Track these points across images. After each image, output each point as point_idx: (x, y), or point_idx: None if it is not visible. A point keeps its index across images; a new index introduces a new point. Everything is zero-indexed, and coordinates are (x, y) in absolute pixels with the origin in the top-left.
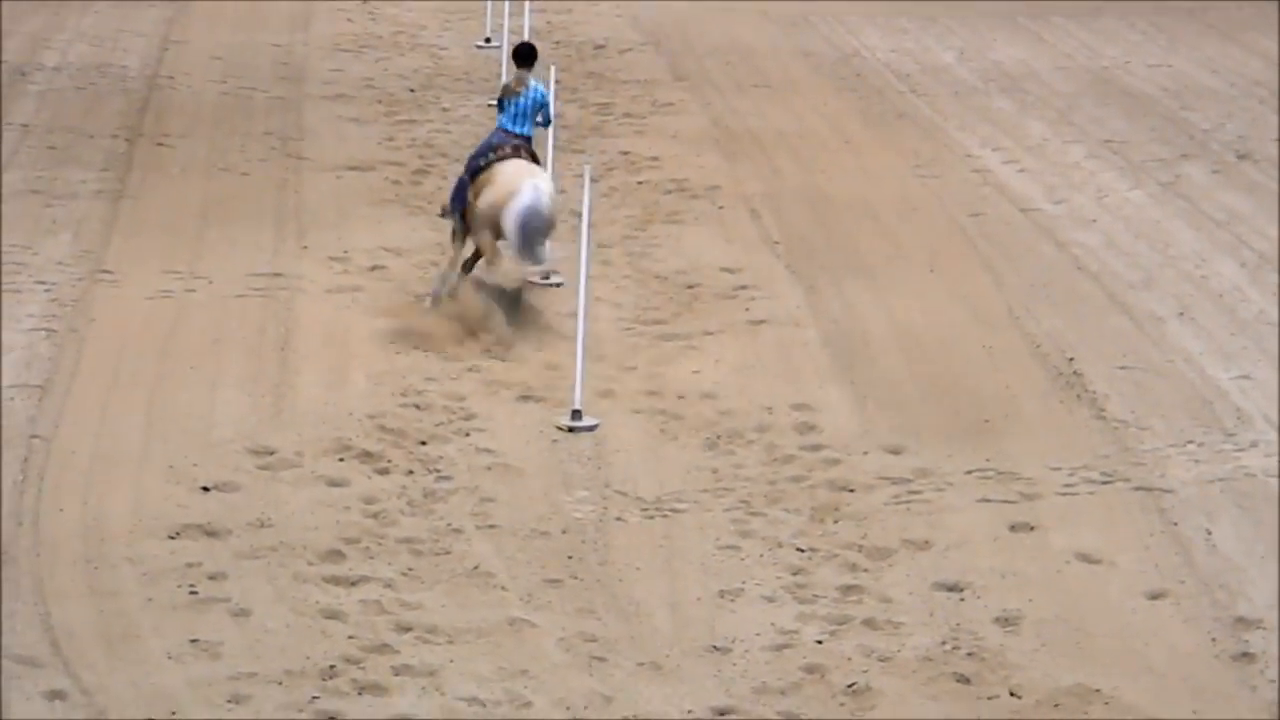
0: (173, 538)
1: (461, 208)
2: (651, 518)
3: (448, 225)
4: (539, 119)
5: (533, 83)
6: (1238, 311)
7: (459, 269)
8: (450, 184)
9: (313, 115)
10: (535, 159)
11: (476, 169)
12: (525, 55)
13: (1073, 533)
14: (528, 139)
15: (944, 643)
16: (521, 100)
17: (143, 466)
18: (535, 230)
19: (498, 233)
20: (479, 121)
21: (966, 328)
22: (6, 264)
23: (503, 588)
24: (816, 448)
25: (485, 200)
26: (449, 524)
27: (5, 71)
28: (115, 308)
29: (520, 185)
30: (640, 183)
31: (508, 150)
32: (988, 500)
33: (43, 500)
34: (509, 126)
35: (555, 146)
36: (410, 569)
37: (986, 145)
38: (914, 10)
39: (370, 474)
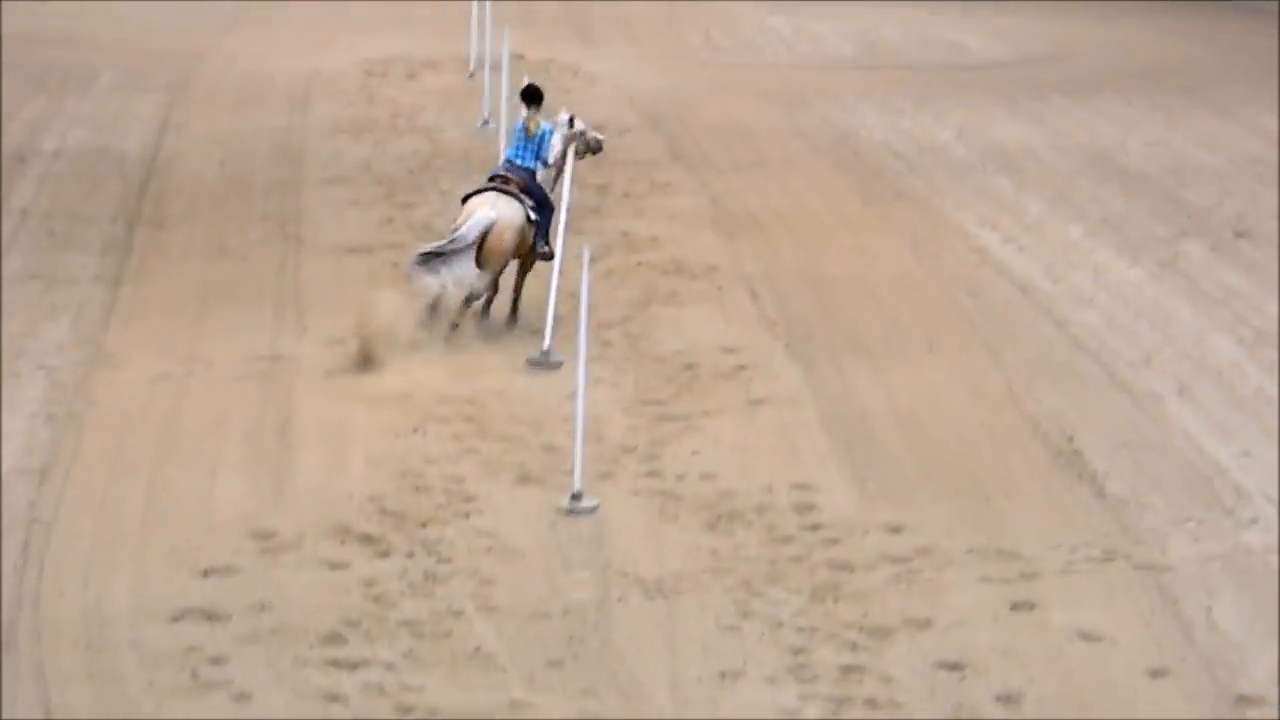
0: (174, 621)
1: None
2: (652, 598)
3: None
4: (545, 154)
5: (543, 123)
6: (1237, 389)
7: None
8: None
9: (311, 198)
10: (525, 190)
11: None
12: (535, 96)
13: (1073, 611)
14: (531, 172)
15: None
16: (535, 138)
17: (143, 550)
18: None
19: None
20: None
21: (966, 406)
22: (6, 349)
23: (504, 669)
24: (816, 527)
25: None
26: (450, 606)
27: (5, 157)
28: (115, 392)
29: (474, 211)
30: (639, 263)
31: (493, 184)
32: (988, 579)
33: (43, 584)
34: (515, 157)
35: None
36: (411, 651)
37: (985, 224)
38: (911, 89)
39: (371, 556)
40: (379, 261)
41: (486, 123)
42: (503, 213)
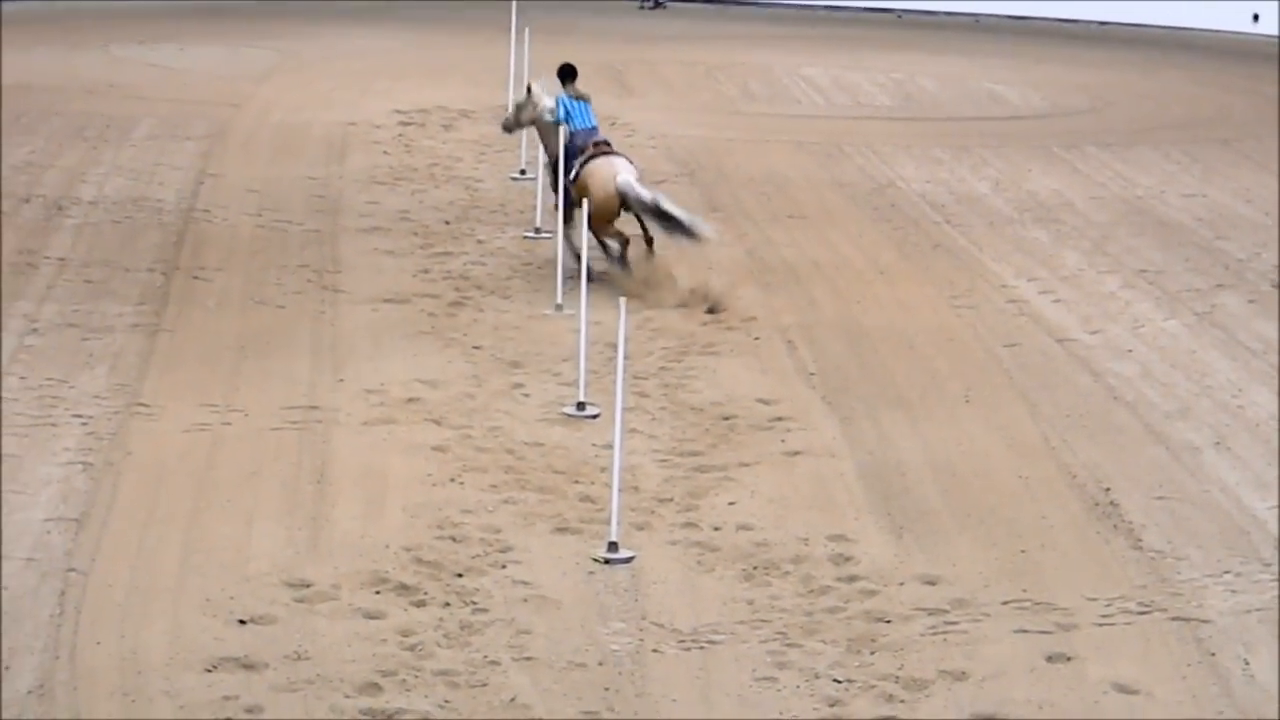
0: (209, 670)
1: (570, 209)
2: (688, 649)
3: (482, 356)
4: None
5: (582, 93)
6: (1274, 441)
7: (619, 247)
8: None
9: (348, 248)
10: (610, 146)
11: (574, 177)
12: (571, 73)
13: (1110, 663)
14: (596, 129)
15: None
16: (585, 104)
17: (179, 599)
18: (648, 203)
19: (615, 218)
20: (514, 253)
21: (1002, 458)
22: (43, 398)
23: None
24: (853, 579)
25: (594, 201)
26: (486, 656)
27: (43, 206)
28: (152, 441)
29: (616, 173)
30: (675, 314)
31: (590, 148)
32: (1024, 630)
33: (79, 634)
34: (585, 124)
35: (590, 277)
36: (447, 701)
37: (1022, 275)
38: (948, 140)
39: (407, 606)
40: (416, 311)
41: (523, 173)
42: (629, 167)
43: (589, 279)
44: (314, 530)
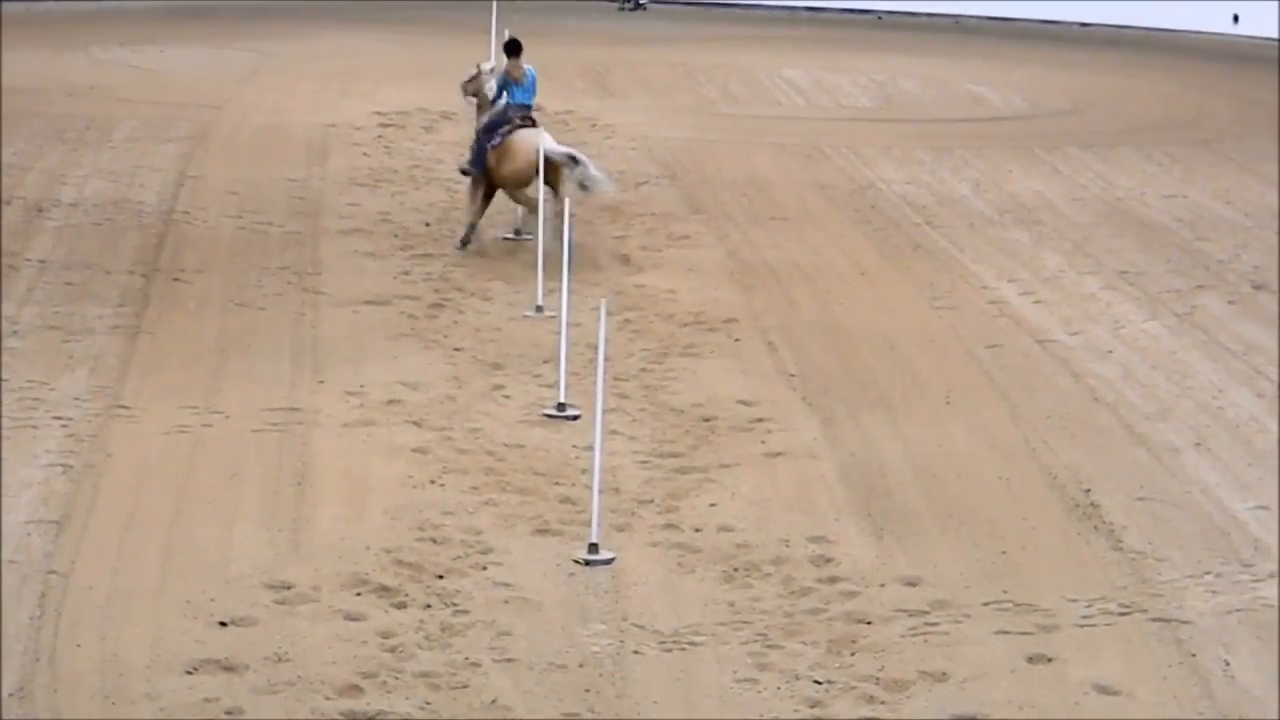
0: (190, 673)
1: (481, 169)
2: (669, 651)
3: (463, 357)
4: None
5: (526, 67)
6: (1254, 442)
7: (477, 217)
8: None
9: (329, 250)
10: (535, 124)
11: (494, 142)
12: (516, 47)
13: (1091, 664)
14: (529, 108)
15: None
16: (525, 81)
17: (160, 602)
18: (576, 167)
19: (528, 185)
20: (494, 255)
21: (983, 459)
22: (23, 400)
23: None
24: (833, 580)
25: (510, 168)
26: (466, 658)
27: (23, 208)
28: (132, 443)
29: (537, 146)
30: (656, 316)
31: (517, 121)
32: (1005, 632)
33: (60, 636)
34: (521, 100)
35: (570, 280)
36: (428, 703)
37: (1003, 277)
38: (930, 142)
39: (387, 608)
40: (396, 313)
41: None
42: (548, 139)
43: (460, 246)
44: (295, 532)
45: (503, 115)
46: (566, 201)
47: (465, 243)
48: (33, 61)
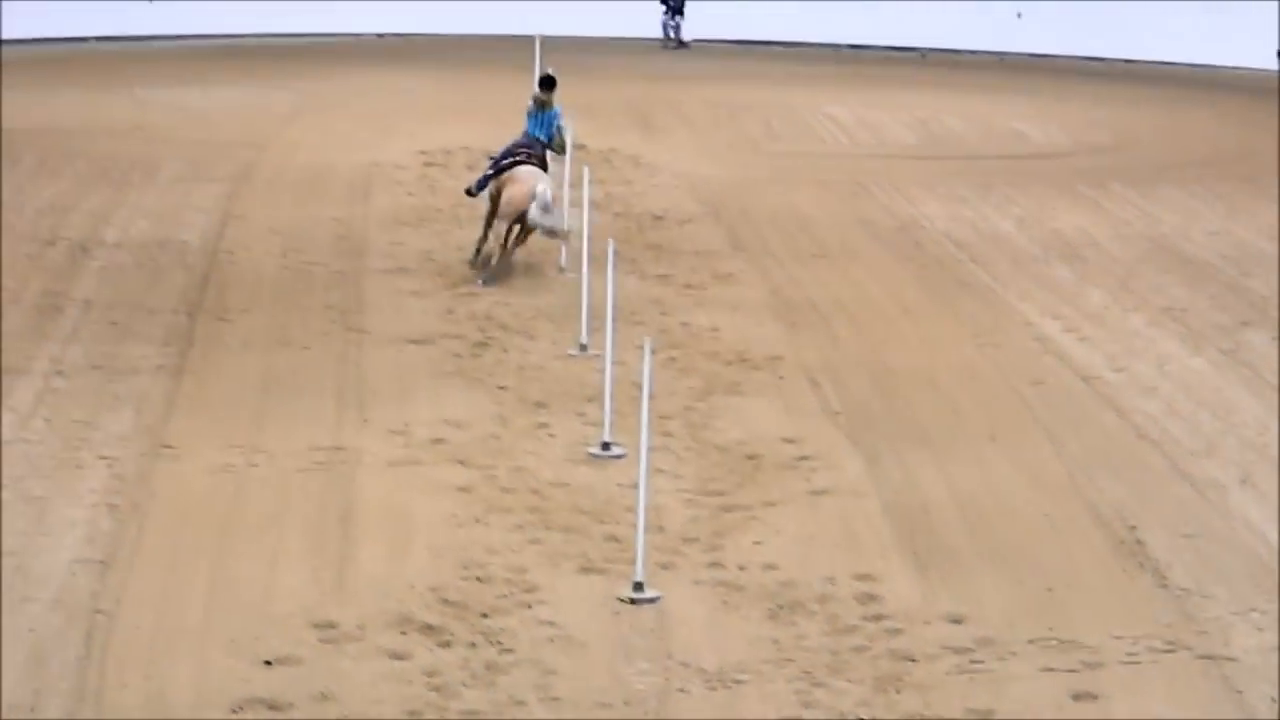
0: (235, 712)
1: (483, 191)
2: (714, 689)
3: (507, 396)
4: (554, 132)
5: (555, 106)
6: None
7: (483, 239)
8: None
9: (373, 289)
10: (544, 162)
11: (502, 167)
12: (549, 83)
13: (1136, 701)
14: (544, 144)
15: None
16: (546, 114)
17: (205, 641)
18: (549, 217)
19: (511, 218)
20: (538, 293)
21: (1028, 496)
22: (69, 439)
23: None
24: (878, 618)
25: (506, 198)
26: (511, 696)
27: (68, 248)
28: (177, 482)
29: (534, 188)
30: (700, 354)
31: (522, 155)
32: (1050, 669)
33: (106, 676)
34: (533, 132)
35: (614, 318)
36: None
37: (1046, 313)
38: (973, 178)
39: (432, 647)
40: (440, 351)
41: None
42: (544, 182)
43: (472, 266)
44: (339, 571)
45: (513, 146)
46: (610, 241)
47: (473, 263)
48: (77, 102)
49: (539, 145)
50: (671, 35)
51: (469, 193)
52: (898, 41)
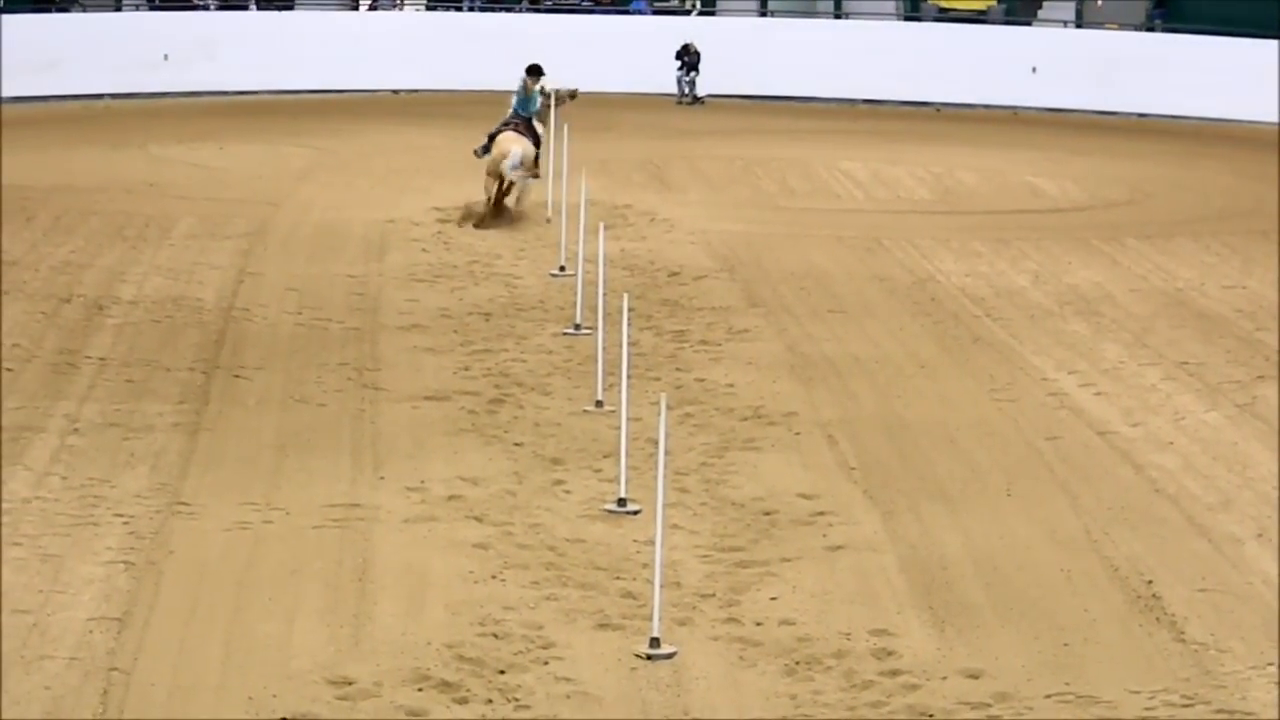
0: None
1: (486, 154)
2: None
3: (523, 452)
4: (535, 108)
5: (536, 88)
6: None
7: (487, 200)
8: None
9: (388, 346)
10: (530, 129)
11: (493, 135)
12: (536, 70)
13: None
14: (528, 119)
15: None
16: (530, 96)
17: (221, 698)
18: (518, 171)
19: (492, 173)
20: (553, 350)
21: (1044, 551)
22: (85, 497)
23: None
24: (895, 673)
25: (490, 159)
26: None
27: (83, 305)
28: (193, 540)
29: (508, 150)
30: (716, 410)
31: (510, 126)
32: None
33: None
34: (519, 109)
35: (630, 374)
36: None
37: (1062, 368)
38: (988, 234)
39: (449, 704)
40: (456, 408)
41: (563, 269)
42: (525, 145)
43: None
44: (356, 628)
45: (503, 121)
46: (625, 297)
47: (479, 222)
48: (91, 159)
49: (522, 119)
50: (686, 91)
51: (476, 154)
52: (912, 96)
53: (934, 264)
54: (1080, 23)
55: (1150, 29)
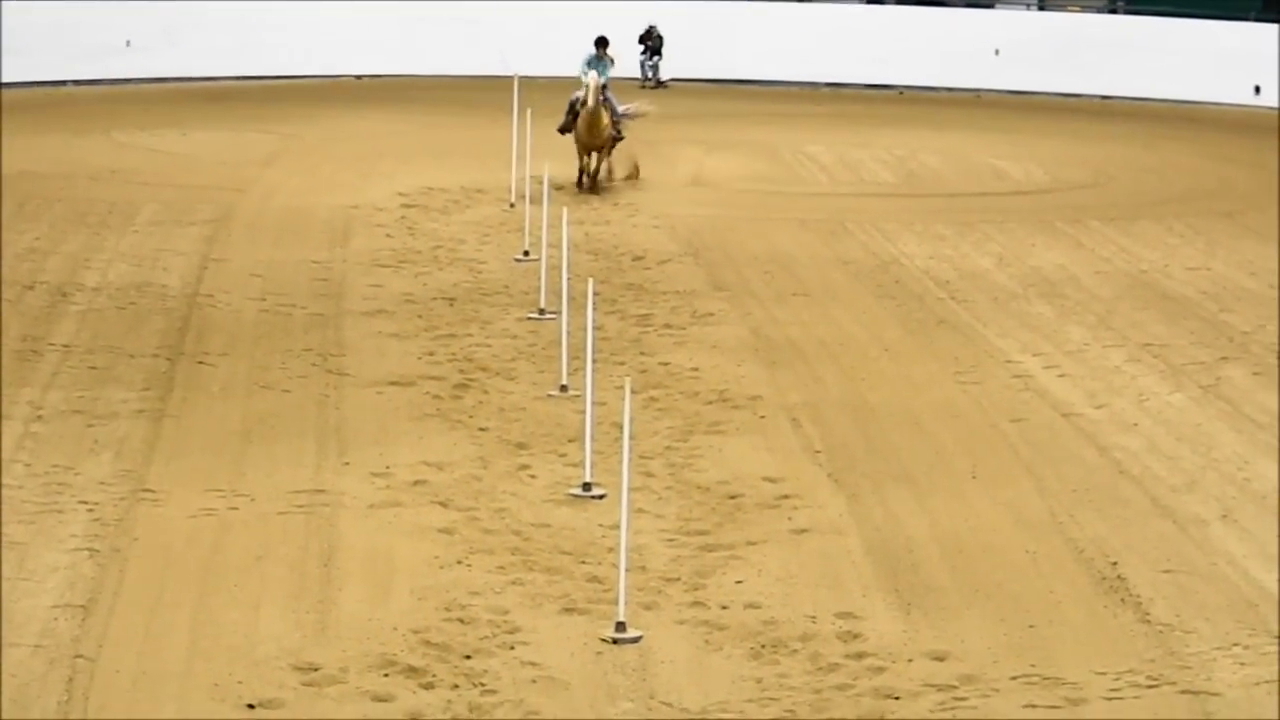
0: None
1: (568, 132)
2: None
3: (488, 437)
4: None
5: (609, 57)
6: None
7: (590, 173)
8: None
9: (352, 331)
10: (603, 99)
11: (572, 108)
12: (604, 42)
13: None
14: (604, 86)
15: None
16: (602, 64)
17: (187, 684)
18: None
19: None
20: (518, 335)
21: (1009, 533)
22: (49, 484)
23: None
24: (861, 656)
25: (575, 133)
26: None
27: (46, 292)
28: (158, 527)
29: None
30: (681, 394)
31: (585, 96)
32: (1033, 706)
33: None
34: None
35: (594, 359)
36: None
37: (1026, 350)
38: (952, 216)
39: (415, 689)
40: (421, 394)
41: (527, 254)
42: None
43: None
44: (321, 614)
45: (577, 96)
46: (590, 281)
47: (579, 184)
48: (54, 146)
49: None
50: (650, 75)
51: (560, 131)
52: (876, 79)
53: (898, 247)
54: (1043, 4)
55: (1113, 10)
